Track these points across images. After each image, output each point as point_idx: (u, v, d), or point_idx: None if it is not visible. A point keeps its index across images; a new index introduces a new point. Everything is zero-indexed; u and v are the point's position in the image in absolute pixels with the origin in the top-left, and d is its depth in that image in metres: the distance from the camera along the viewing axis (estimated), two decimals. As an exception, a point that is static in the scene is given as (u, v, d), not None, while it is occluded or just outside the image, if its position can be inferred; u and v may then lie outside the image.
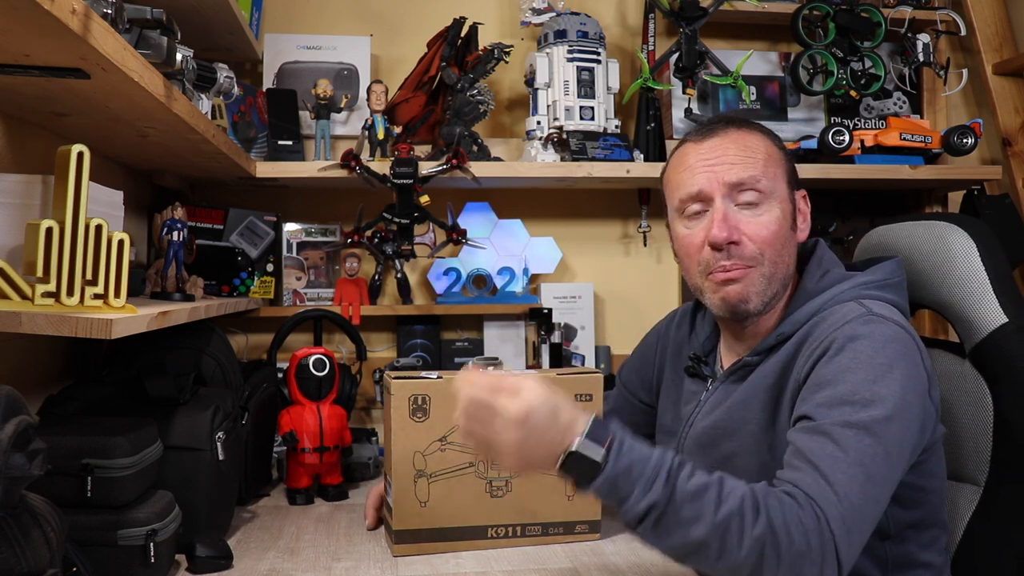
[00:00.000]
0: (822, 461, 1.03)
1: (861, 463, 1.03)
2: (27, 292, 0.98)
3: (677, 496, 0.97)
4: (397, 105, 2.07)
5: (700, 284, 1.28)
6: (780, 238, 1.24)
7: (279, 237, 2.11)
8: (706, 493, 0.98)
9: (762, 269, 1.23)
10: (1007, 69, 2.33)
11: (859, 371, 1.09)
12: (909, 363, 1.12)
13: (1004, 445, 1.33)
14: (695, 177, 1.26)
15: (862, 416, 1.06)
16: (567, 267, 2.33)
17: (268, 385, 1.68)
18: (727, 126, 1.30)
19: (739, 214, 1.23)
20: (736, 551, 0.97)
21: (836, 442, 1.04)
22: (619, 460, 0.98)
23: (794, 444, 1.08)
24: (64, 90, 1.10)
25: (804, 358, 1.17)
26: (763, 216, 1.23)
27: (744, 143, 1.27)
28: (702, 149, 1.28)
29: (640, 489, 0.98)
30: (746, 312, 1.25)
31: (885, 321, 1.15)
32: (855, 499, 1.01)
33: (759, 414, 1.22)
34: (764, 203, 1.24)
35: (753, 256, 1.23)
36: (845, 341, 1.13)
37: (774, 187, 1.25)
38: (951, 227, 1.40)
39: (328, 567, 1.24)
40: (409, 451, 1.28)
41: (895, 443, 1.07)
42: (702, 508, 0.97)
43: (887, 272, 1.27)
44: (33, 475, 0.82)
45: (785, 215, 1.25)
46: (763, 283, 1.24)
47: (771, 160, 1.27)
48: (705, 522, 0.97)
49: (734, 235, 1.22)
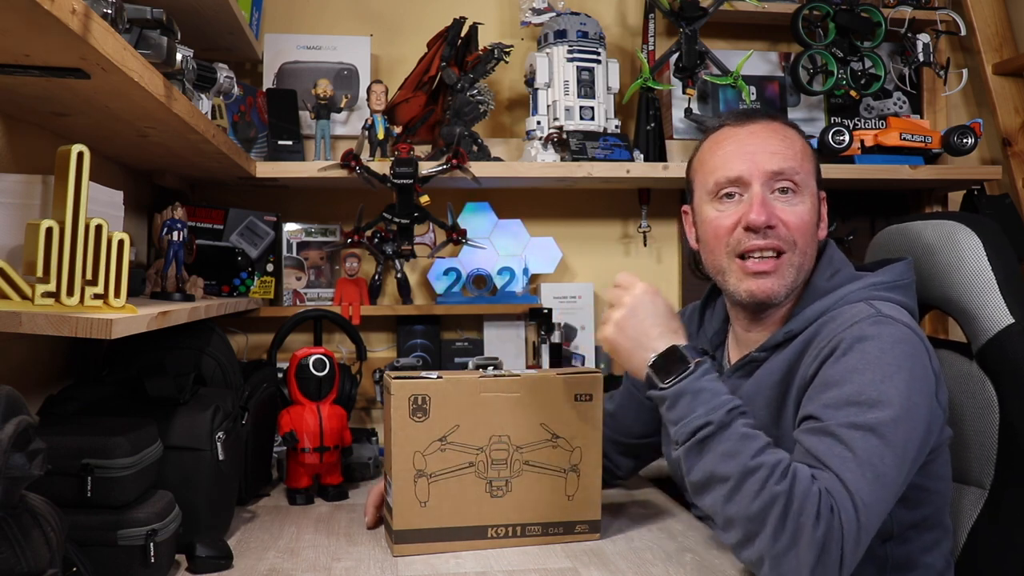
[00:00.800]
0: (832, 462, 1.04)
1: (870, 463, 1.04)
2: (27, 292, 0.98)
3: (730, 429, 1.08)
4: (397, 105, 2.07)
5: (725, 266, 1.28)
6: (811, 229, 1.27)
7: (279, 237, 2.11)
8: (754, 440, 1.07)
9: (792, 257, 1.25)
10: (1007, 69, 2.33)
11: (866, 372, 1.10)
12: (917, 364, 1.13)
13: (1010, 448, 1.32)
14: (733, 162, 1.27)
15: (868, 417, 1.06)
16: (567, 267, 2.33)
17: (268, 385, 1.68)
18: (767, 118, 1.32)
19: (775, 201, 1.25)
20: (751, 499, 1.02)
21: (843, 443, 1.05)
22: (701, 379, 1.13)
23: (802, 444, 1.09)
24: (64, 90, 1.10)
25: (811, 357, 1.17)
26: (798, 206, 1.26)
27: (783, 135, 1.29)
28: (741, 135, 1.30)
29: (704, 409, 1.10)
30: (769, 303, 1.27)
31: (894, 322, 1.15)
32: (866, 498, 1.02)
33: (764, 409, 1.23)
34: (798, 194, 1.26)
35: (787, 241, 1.24)
36: (853, 341, 1.13)
37: (807, 181, 1.28)
38: (959, 226, 1.40)
39: (328, 567, 1.24)
40: (409, 451, 1.28)
41: (901, 444, 1.07)
42: (743, 448, 1.06)
43: (897, 273, 1.27)
44: (33, 475, 0.82)
45: (814, 210, 1.28)
46: (792, 273, 1.26)
47: (806, 155, 1.30)
48: (739, 460, 1.05)
49: (772, 219, 1.24)
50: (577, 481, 1.34)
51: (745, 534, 1.03)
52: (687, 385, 1.12)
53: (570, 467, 1.34)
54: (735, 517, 1.04)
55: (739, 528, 1.04)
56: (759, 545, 1.02)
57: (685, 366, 1.14)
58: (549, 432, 1.33)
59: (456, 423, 1.29)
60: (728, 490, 1.04)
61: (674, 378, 1.14)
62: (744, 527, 1.03)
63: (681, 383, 1.13)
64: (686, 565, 1.24)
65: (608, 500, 1.47)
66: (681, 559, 1.27)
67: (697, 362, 1.14)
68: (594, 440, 1.34)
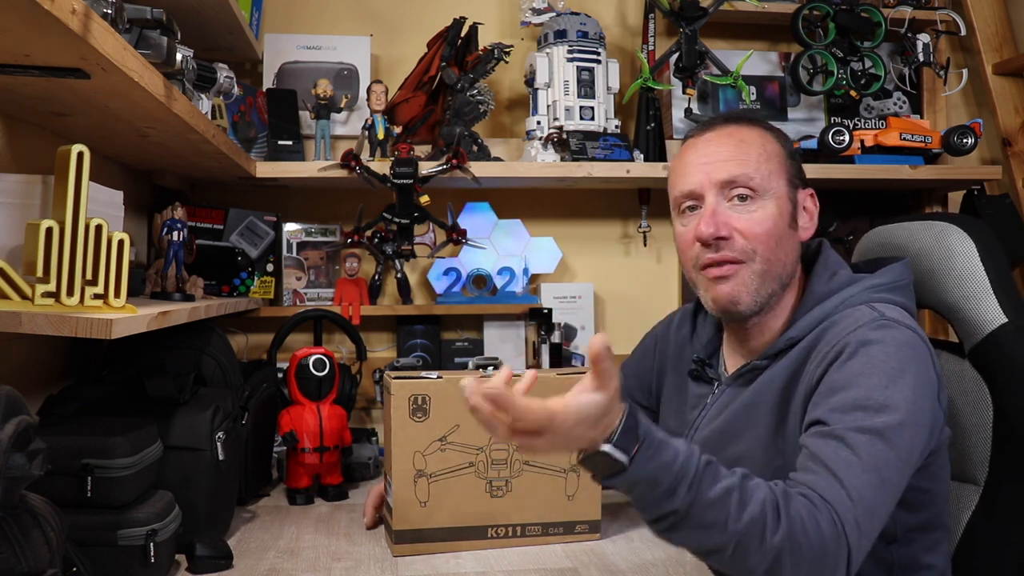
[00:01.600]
0: (837, 465, 1.03)
1: (875, 468, 1.03)
2: (27, 292, 0.98)
3: (698, 504, 0.95)
4: (397, 105, 2.07)
5: (695, 279, 1.28)
6: (774, 235, 1.22)
7: (279, 237, 2.11)
8: (728, 499, 0.96)
9: (753, 266, 1.22)
10: (1007, 69, 2.33)
11: (872, 376, 1.09)
12: (920, 368, 1.12)
13: (1004, 444, 1.33)
14: (689, 175, 1.26)
15: (876, 422, 1.06)
16: (567, 267, 2.32)
17: (268, 385, 1.68)
18: (725, 123, 1.29)
19: (731, 211, 1.22)
20: (755, 556, 0.96)
21: (850, 447, 1.04)
22: (645, 465, 0.94)
23: (808, 448, 1.08)
24: (64, 90, 1.10)
25: (816, 362, 1.17)
26: (756, 213, 1.22)
27: (739, 139, 1.26)
28: (698, 146, 1.28)
29: (662, 494, 0.95)
30: (738, 313, 1.24)
31: (897, 326, 1.15)
32: (868, 503, 1.02)
33: (767, 417, 1.22)
34: (757, 200, 1.23)
35: (744, 251, 1.21)
36: (858, 346, 1.12)
37: (768, 184, 1.23)
38: (951, 227, 1.40)
39: (328, 567, 1.24)
40: (409, 451, 1.28)
41: (906, 448, 1.07)
42: (722, 515, 0.95)
43: (896, 275, 1.26)
44: (33, 475, 0.82)
45: (781, 212, 1.24)
46: (755, 281, 1.22)
47: (767, 157, 1.25)
48: (725, 529, 0.95)
49: (721, 231, 1.21)
50: (577, 481, 1.34)
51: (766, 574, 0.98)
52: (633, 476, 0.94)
53: (570, 467, 1.34)
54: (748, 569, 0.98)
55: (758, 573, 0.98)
56: None
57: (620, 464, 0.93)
58: (549, 432, 1.32)
59: (456, 423, 1.29)
60: (727, 557, 0.97)
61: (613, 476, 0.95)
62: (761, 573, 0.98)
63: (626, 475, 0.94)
64: (686, 565, 1.24)
65: (608, 500, 1.47)
66: (681, 559, 1.27)
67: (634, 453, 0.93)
68: (594, 440, 1.34)
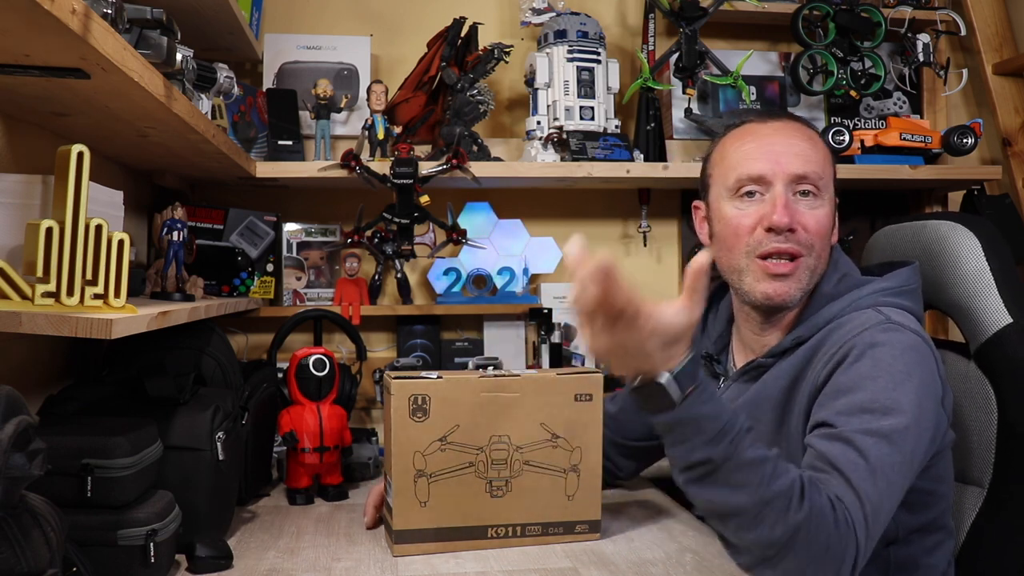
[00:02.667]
0: (846, 467, 1.04)
1: (882, 471, 1.04)
2: (27, 292, 0.98)
3: (734, 460, 0.97)
4: (397, 105, 2.06)
5: (743, 266, 1.26)
6: (828, 233, 1.27)
7: (279, 237, 2.11)
8: (762, 466, 0.98)
9: (808, 261, 1.24)
10: (1007, 69, 2.33)
11: (879, 379, 1.10)
12: (925, 371, 1.13)
13: (1008, 446, 1.33)
14: (756, 160, 1.25)
15: (882, 424, 1.06)
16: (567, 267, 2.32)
17: (268, 385, 1.68)
18: (784, 117, 1.31)
19: (797, 203, 1.24)
20: (771, 529, 0.97)
21: (858, 449, 1.05)
22: (693, 407, 0.96)
23: (815, 449, 1.08)
24: (64, 90, 1.10)
25: (821, 363, 1.17)
26: (819, 210, 1.25)
27: (808, 136, 1.28)
28: (765, 132, 1.28)
29: (701, 440, 0.97)
30: (783, 307, 1.26)
31: (903, 329, 1.15)
32: (875, 505, 1.03)
33: (770, 414, 1.22)
34: (820, 197, 1.26)
35: (806, 244, 1.23)
36: (864, 348, 1.13)
37: (828, 186, 1.27)
38: (957, 227, 1.40)
39: (328, 567, 1.24)
40: (409, 451, 1.28)
41: (910, 451, 1.08)
42: (754, 478, 0.97)
43: (904, 278, 1.27)
44: (33, 475, 0.82)
45: (832, 214, 1.28)
46: (807, 276, 1.25)
47: (828, 160, 1.29)
48: (750, 492, 0.97)
49: (794, 223, 1.22)
50: (577, 481, 1.34)
51: (764, 558, 1.00)
52: (681, 414, 0.96)
53: (570, 467, 1.34)
54: (753, 544, 1.00)
55: (757, 553, 1.01)
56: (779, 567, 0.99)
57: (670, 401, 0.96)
58: (549, 432, 1.33)
59: (456, 423, 1.29)
60: (745, 521, 0.98)
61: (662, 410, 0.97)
62: (763, 552, 1.00)
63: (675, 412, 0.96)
64: (686, 565, 1.24)
65: (608, 500, 1.47)
66: (681, 559, 1.27)
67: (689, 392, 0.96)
68: (594, 440, 1.34)
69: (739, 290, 1.30)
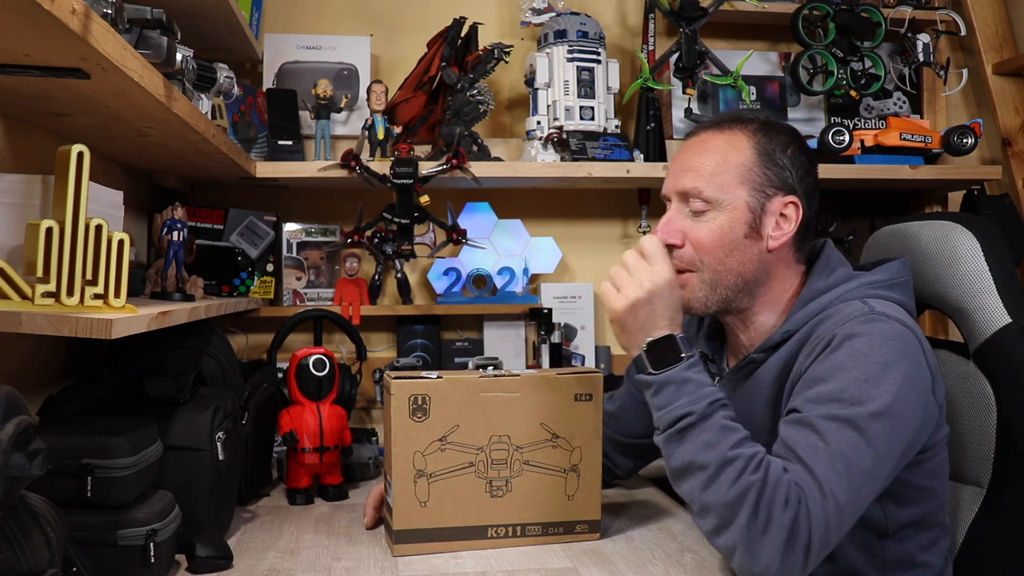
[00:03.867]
0: (804, 451, 1.07)
1: (842, 454, 1.06)
2: (27, 292, 0.98)
3: (710, 420, 1.11)
4: (397, 105, 2.06)
5: None
6: (723, 246, 1.26)
7: (279, 237, 2.11)
8: (733, 432, 1.10)
9: (702, 275, 1.27)
10: (1007, 69, 2.33)
11: (852, 370, 1.11)
12: (908, 361, 1.13)
13: (1007, 446, 1.33)
14: (666, 178, 1.34)
15: (848, 411, 1.08)
16: (567, 267, 2.33)
17: (268, 385, 1.68)
18: (708, 128, 1.33)
19: (687, 219, 1.29)
20: (727, 488, 1.05)
21: (818, 433, 1.07)
22: (688, 370, 1.15)
23: (781, 436, 1.12)
24: (64, 90, 1.10)
25: (805, 354, 1.19)
26: (705, 224, 1.27)
27: (705, 148, 1.29)
28: (680, 148, 1.35)
29: (687, 399, 1.12)
30: (694, 313, 1.32)
31: (887, 319, 1.15)
32: (834, 489, 1.04)
33: (763, 408, 1.24)
34: (710, 211, 1.27)
35: (691, 261, 1.27)
36: (843, 339, 1.14)
37: (721, 196, 1.26)
38: (956, 227, 1.40)
39: (328, 567, 1.24)
40: (409, 451, 1.28)
41: (883, 439, 1.08)
42: (721, 440, 1.08)
43: (892, 272, 1.27)
44: (33, 475, 0.82)
45: (734, 223, 1.25)
46: (704, 289, 1.28)
47: (725, 168, 1.26)
48: (717, 451, 1.08)
49: (670, 238, 1.28)
50: (577, 481, 1.34)
51: (720, 521, 1.06)
52: (674, 374, 1.14)
53: (570, 467, 1.34)
54: (711, 504, 1.07)
55: (714, 515, 1.07)
56: (733, 531, 1.04)
57: (676, 357, 1.16)
58: (549, 432, 1.33)
59: (456, 423, 1.29)
60: (706, 478, 1.07)
61: (664, 367, 1.15)
62: (719, 514, 1.06)
63: (669, 372, 1.15)
64: (686, 565, 1.24)
65: (608, 500, 1.47)
66: (681, 559, 1.27)
67: (688, 355, 1.16)
68: (594, 440, 1.34)
69: None
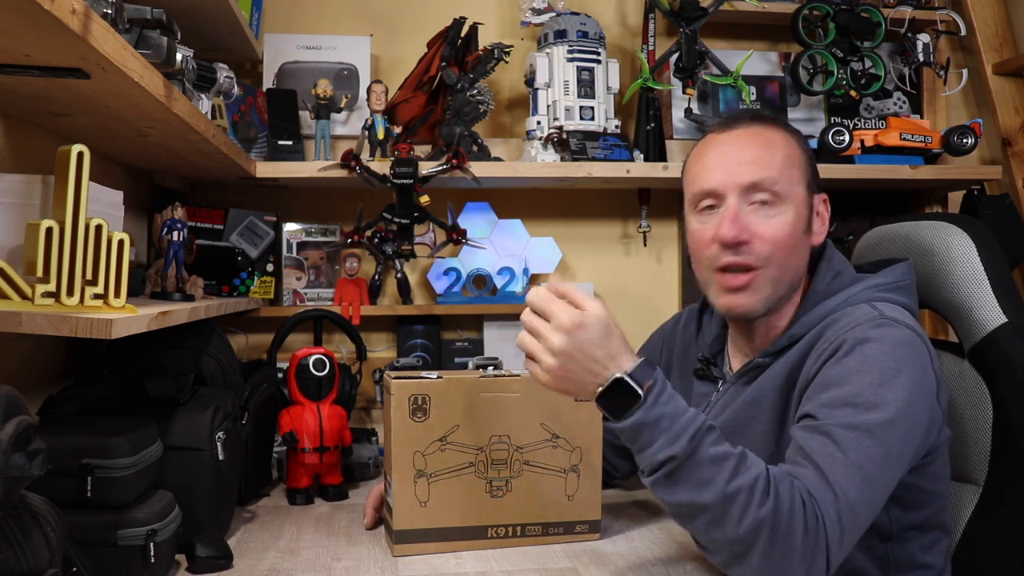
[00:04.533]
0: (822, 460, 1.04)
1: (860, 465, 1.04)
2: (27, 292, 0.98)
3: (697, 456, 1.00)
4: (397, 105, 2.06)
5: (708, 278, 1.27)
6: (791, 241, 1.22)
7: (279, 237, 2.11)
8: (725, 461, 1.01)
9: (768, 271, 1.22)
10: (1007, 69, 2.33)
11: (866, 374, 1.09)
12: (917, 367, 1.12)
13: (1004, 445, 1.33)
14: (710, 173, 1.24)
15: (864, 419, 1.06)
16: (567, 267, 2.33)
17: (268, 385, 1.68)
18: (751, 122, 1.28)
19: (752, 214, 1.22)
20: (737, 525, 0.99)
21: (836, 443, 1.05)
22: (654, 407, 1.02)
23: (796, 441, 1.09)
24: (64, 90, 1.10)
25: (814, 358, 1.17)
26: (776, 218, 1.21)
27: (765, 140, 1.25)
28: (722, 142, 1.26)
29: (665, 440, 1.01)
30: (751, 318, 1.25)
31: (896, 324, 1.15)
32: (852, 499, 1.02)
33: (769, 413, 1.22)
34: (778, 205, 1.22)
35: (762, 256, 1.21)
36: (855, 343, 1.13)
37: (790, 190, 1.23)
38: (951, 227, 1.40)
39: (328, 567, 1.24)
40: (409, 451, 1.28)
41: (896, 446, 1.07)
42: (716, 474, 1.00)
43: (898, 275, 1.26)
44: (33, 475, 0.82)
45: (799, 218, 1.23)
46: (769, 287, 1.22)
47: (790, 161, 1.24)
48: (715, 488, 0.99)
49: (743, 235, 1.20)
50: (577, 481, 1.34)
51: (732, 555, 1.01)
52: (641, 417, 1.02)
53: (570, 467, 1.34)
54: (720, 542, 1.02)
55: (726, 550, 1.02)
56: (749, 564, 1.00)
57: (635, 398, 1.03)
58: (549, 432, 1.33)
59: (456, 423, 1.29)
60: (710, 519, 1.01)
61: (626, 412, 1.03)
62: (731, 550, 1.01)
63: (634, 416, 1.02)
64: (686, 565, 1.24)
65: (608, 500, 1.47)
66: (681, 559, 1.27)
67: (648, 387, 1.03)
68: (594, 440, 1.34)
69: (710, 302, 1.30)
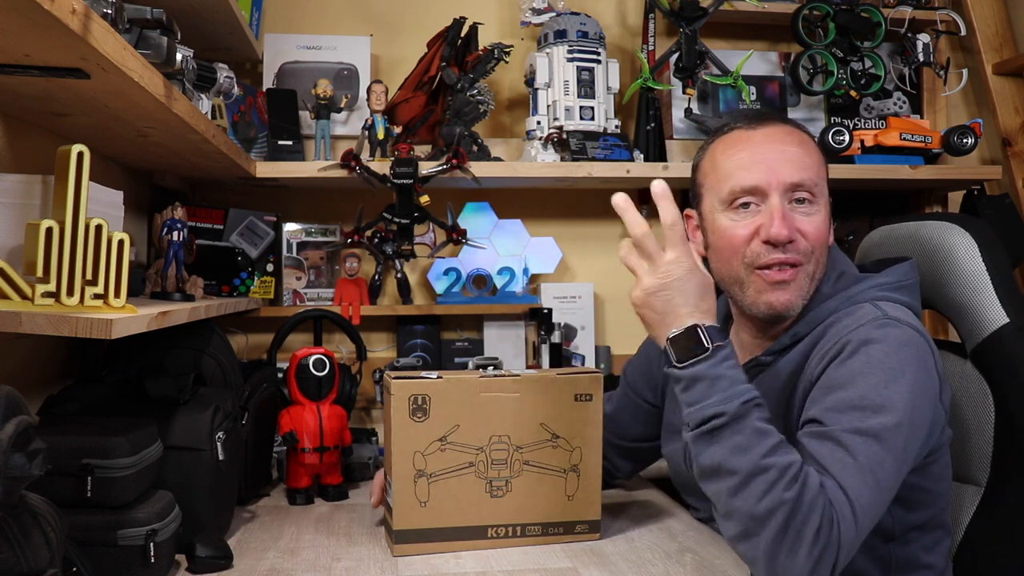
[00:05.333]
0: (833, 467, 1.04)
1: (871, 470, 1.04)
2: (27, 292, 0.98)
3: (744, 421, 1.03)
4: (397, 105, 2.07)
5: (743, 277, 1.25)
6: (826, 239, 1.26)
7: (279, 237, 2.11)
8: (766, 437, 1.03)
9: (808, 268, 1.23)
10: (1007, 69, 2.33)
11: (871, 376, 1.09)
12: (921, 368, 1.12)
13: (1005, 445, 1.33)
14: (749, 171, 1.23)
15: (872, 423, 1.06)
16: (567, 267, 2.32)
17: (268, 385, 1.68)
18: (779, 121, 1.29)
19: (794, 212, 1.23)
20: (757, 499, 1.00)
21: (846, 448, 1.05)
22: (718, 366, 1.06)
23: (805, 448, 1.08)
24: (64, 90, 1.10)
25: (817, 358, 1.17)
26: (815, 216, 1.24)
27: (799, 140, 1.27)
28: (755, 141, 1.25)
29: (718, 398, 1.04)
30: (789, 316, 1.25)
31: (899, 325, 1.15)
32: (865, 505, 1.03)
33: (772, 411, 1.22)
34: (815, 204, 1.24)
35: (806, 253, 1.22)
36: (859, 344, 1.12)
37: (823, 189, 1.26)
38: (953, 227, 1.40)
39: (328, 567, 1.24)
40: (409, 451, 1.28)
41: (901, 449, 1.07)
42: (755, 445, 1.02)
43: (901, 274, 1.27)
44: (33, 475, 0.82)
45: (828, 217, 1.27)
46: (807, 283, 1.24)
47: (821, 163, 1.28)
48: (750, 457, 1.01)
49: (793, 233, 1.21)
50: (577, 481, 1.34)
51: (744, 530, 1.02)
52: (703, 370, 1.05)
53: (570, 467, 1.34)
54: (737, 512, 1.02)
55: (739, 523, 1.02)
56: (757, 544, 1.01)
57: (703, 349, 1.06)
58: (549, 432, 1.33)
59: (456, 423, 1.29)
60: (735, 484, 1.01)
61: (692, 360, 1.06)
62: (744, 524, 1.01)
63: (698, 367, 1.05)
64: (686, 565, 1.24)
65: (608, 500, 1.47)
66: (681, 559, 1.27)
67: (717, 346, 1.06)
68: (594, 440, 1.34)
69: (740, 302, 1.28)
